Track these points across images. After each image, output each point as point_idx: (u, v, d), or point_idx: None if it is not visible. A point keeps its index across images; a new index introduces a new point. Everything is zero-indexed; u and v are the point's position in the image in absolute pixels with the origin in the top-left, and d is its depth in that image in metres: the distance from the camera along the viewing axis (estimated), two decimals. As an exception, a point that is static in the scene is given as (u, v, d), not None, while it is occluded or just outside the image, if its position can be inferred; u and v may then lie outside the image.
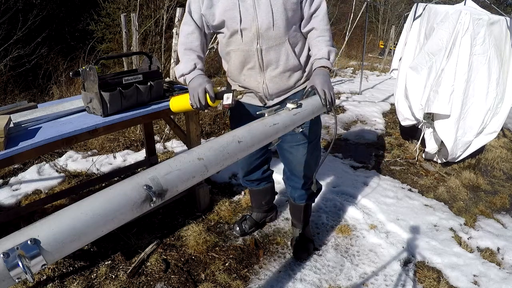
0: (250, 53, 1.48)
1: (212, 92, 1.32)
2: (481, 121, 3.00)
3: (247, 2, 1.40)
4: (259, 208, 2.19)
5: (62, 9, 7.02)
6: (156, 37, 5.21)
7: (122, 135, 3.47)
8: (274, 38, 1.45)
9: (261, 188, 2.09)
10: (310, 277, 1.87)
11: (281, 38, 1.45)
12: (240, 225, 2.17)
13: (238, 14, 1.41)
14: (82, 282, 1.76)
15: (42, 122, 1.56)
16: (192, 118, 2.07)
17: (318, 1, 1.49)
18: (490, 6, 4.85)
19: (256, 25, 1.41)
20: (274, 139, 1.09)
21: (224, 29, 1.49)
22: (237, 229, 2.16)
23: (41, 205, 2.16)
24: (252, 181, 2.04)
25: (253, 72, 1.54)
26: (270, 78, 1.53)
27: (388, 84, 7.21)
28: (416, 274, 1.95)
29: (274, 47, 1.46)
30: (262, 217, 2.23)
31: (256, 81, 1.55)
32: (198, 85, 1.35)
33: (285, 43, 1.47)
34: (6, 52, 5.29)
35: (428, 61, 3.04)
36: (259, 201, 2.16)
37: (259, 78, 1.54)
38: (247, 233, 2.16)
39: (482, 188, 2.97)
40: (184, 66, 1.44)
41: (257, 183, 2.05)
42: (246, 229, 2.16)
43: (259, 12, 1.40)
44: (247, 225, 2.17)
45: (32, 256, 0.54)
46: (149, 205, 0.71)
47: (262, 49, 1.46)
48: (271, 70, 1.51)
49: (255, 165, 1.95)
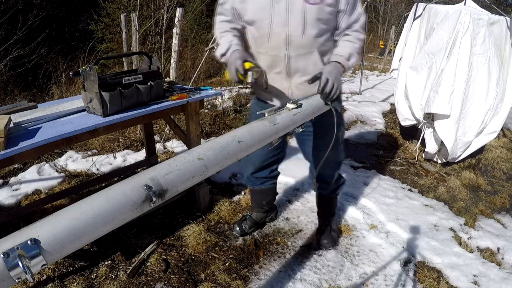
0: (278, 58, 1.47)
1: (241, 69, 1.36)
2: (481, 121, 3.00)
3: (280, 4, 1.36)
4: (259, 208, 2.18)
5: (62, 9, 7.03)
6: (156, 37, 5.21)
7: (122, 135, 3.47)
8: (304, 47, 1.42)
9: (264, 188, 2.07)
10: (310, 277, 1.87)
11: (311, 47, 1.43)
12: (240, 225, 2.17)
13: (270, 16, 1.38)
14: (82, 282, 1.76)
15: (42, 122, 1.56)
16: (192, 118, 2.07)
17: (357, 15, 1.46)
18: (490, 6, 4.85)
19: (286, 31, 1.39)
20: (274, 139, 1.09)
21: (253, 28, 1.48)
22: (237, 229, 2.16)
23: (41, 205, 2.16)
24: (258, 178, 2.02)
25: (280, 77, 1.53)
26: (296, 85, 1.53)
27: (388, 84, 7.21)
28: (416, 274, 1.95)
29: (303, 55, 1.45)
30: (262, 217, 2.23)
31: (282, 86, 1.55)
32: (231, 62, 1.39)
33: (314, 51, 1.45)
34: (6, 52, 5.29)
35: (428, 61, 3.03)
36: (260, 201, 2.16)
37: (285, 83, 1.54)
38: (247, 233, 2.16)
39: (482, 188, 2.97)
40: (221, 47, 1.48)
41: (262, 181, 2.03)
42: (246, 229, 2.16)
43: (291, 17, 1.37)
44: (247, 225, 2.16)
45: (32, 256, 0.54)
46: (149, 205, 0.71)
47: (290, 56, 1.45)
48: (298, 77, 1.51)
49: (268, 162, 1.94)
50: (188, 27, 7.18)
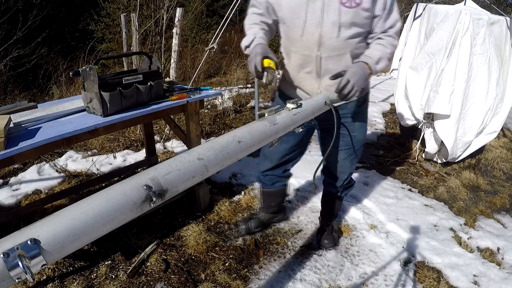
0: (309, 58, 1.45)
1: (259, 66, 1.33)
2: (481, 121, 3.00)
3: (316, 4, 1.34)
4: (268, 208, 2.15)
5: (62, 9, 7.03)
6: (156, 37, 5.21)
7: (122, 135, 3.47)
8: (336, 49, 1.40)
9: (274, 189, 2.04)
10: (310, 277, 1.87)
11: (343, 49, 1.41)
12: (246, 223, 2.16)
13: (304, 15, 1.36)
14: (82, 282, 1.76)
15: (42, 122, 1.56)
16: (192, 118, 2.07)
17: (393, 20, 1.42)
18: (490, 6, 4.85)
19: (319, 32, 1.37)
20: (274, 139, 1.09)
21: (286, 26, 1.47)
22: (243, 226, 2.15)
23: (41, 205, 2.16)
24: (270, 177, 1.98)
25: (310, 77, 1.52)
26: (325, 86, 1.51)
27: (388, 84, 7.20)
28: (416, 274, 1.95)
29: (335, 56, 1.43)
30: (269, 218, 2.21)
31: (311, 86, 1.54)
32: (252, 57, 1.37)
33: (346, 54, 1.43)
34: (6, 52, 5.29)
35: (428, 61, 3.03)
36: (269, 202, 2.13)
37: (315, 84, 1.53)
38: (252, 232, 2.15)
39: (482, 188, 2.97)
40: (246, 39, 1.47)
41: (273, 181, 2.00)
42: (252, 228, 2.15)
43: (326, 18, 1.34)
44: (253, 224, 2.15)
45: (32, 256, 0.54)
46: (149, 205, 0.71)
47: (321, 57, 1.43)
48: (328, 78, 1.48)
49: (285, 159, 1.89)
50: (188, 27, 7.18)
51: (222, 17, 3.96)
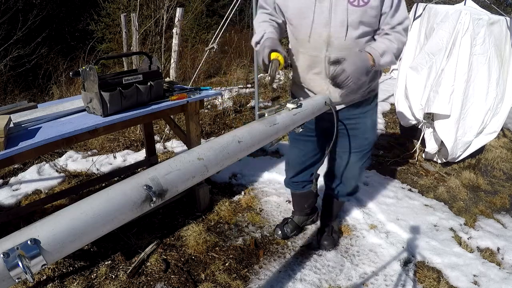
0: (318, 59, 1.45)
1: (267, 59, 1.34)
2: (481, 121, 3.00)
3: (323, 4, 1.33)
4: (301, 211, 2.14)
5: (62, 9, 7.03)
6: (156, 37, 5.21)
7: (122, 135, 3.47)
8: (345, 49, 1.39)
9: (304, 192, 2.02)
10: (310, 277, 1.87)
11: (351, 49, 1.40)
12: (282, 228, 2.13)
13: (312, 15, 1.36)
14: (82, 282, 1.76)
15: (42, 122, 1.56)
16: (192, 118, 2.07)
17: (401, 17, 1.38)
18: (490, 6, 4.85)
19: (327, 32, 1.37)
20: (274, 139, 1.09)
21: (294, 27, 1.47)
22: (279, 232, 2.12)
23: (41, 205, 2.16)
24: (299, 182, 1.97)
25: (319, 78, 1.52)
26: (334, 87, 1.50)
27: (388, 84, 7.20)
28: (416, 274, 1.95)
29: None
30: (304, 220, 2.19)
31: (320, 87, 1.54)
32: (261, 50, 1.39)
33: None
34: (6, 52, 5.29)
35: (428, 61, 3.03)
36: (301, 205, 2.11)
37: (324, 85, 1.52)
38: (289, 237, 2.13)
39: (482, 188, 2.97)
40: (256, 35, 1.48)
41: (303, 185, 1.98)
42: (288, 232, 2.12)
43: (334, 18, 1.33)
44: (288, 228, 2.13)
45: (32, 256, 0.54)
46: (149, 205, 0.71)
47: (330, 58, 1.42)
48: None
49: (307, 164, 1.88)
50: (188, 27, 7.18)
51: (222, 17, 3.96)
